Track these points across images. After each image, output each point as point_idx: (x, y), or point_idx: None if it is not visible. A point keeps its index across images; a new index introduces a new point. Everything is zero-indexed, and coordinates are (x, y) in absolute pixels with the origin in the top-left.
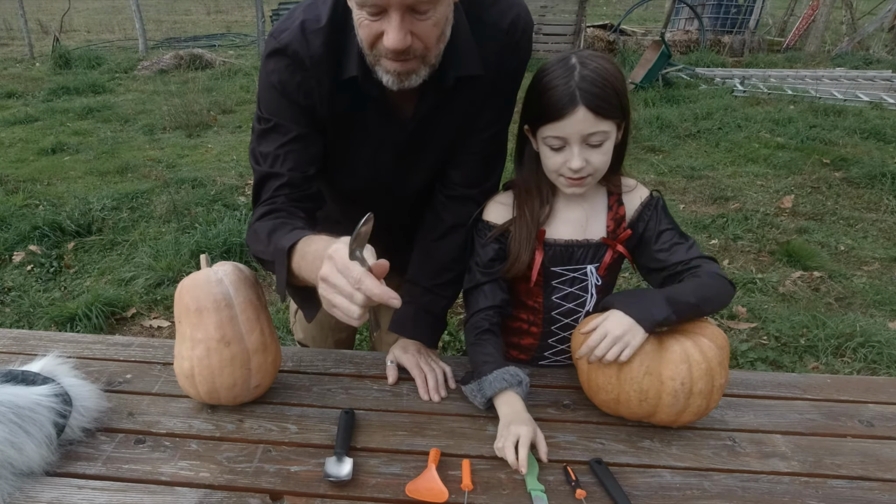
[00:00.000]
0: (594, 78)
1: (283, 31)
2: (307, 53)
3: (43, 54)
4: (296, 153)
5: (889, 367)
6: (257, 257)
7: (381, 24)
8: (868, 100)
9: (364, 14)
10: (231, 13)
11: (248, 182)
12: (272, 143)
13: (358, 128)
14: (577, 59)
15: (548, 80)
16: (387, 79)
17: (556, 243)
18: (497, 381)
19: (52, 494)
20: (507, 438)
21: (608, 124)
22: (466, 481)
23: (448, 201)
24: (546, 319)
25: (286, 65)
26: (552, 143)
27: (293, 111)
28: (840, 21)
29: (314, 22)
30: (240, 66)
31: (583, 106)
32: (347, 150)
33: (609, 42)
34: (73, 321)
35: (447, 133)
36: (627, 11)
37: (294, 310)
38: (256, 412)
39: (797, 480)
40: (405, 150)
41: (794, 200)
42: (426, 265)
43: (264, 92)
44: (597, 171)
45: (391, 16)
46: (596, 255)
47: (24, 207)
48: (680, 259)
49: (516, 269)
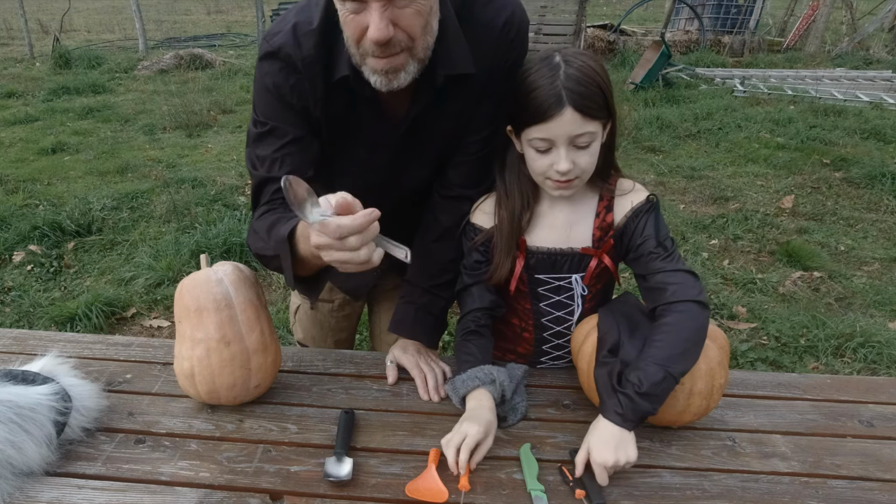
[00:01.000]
0: (580, 77)
1: (276, 34)
2: (299, 56)
3: (43, 54)
4: (293, 156)
5: (889, 367)
6: (259, 255)
7: (363, 18)
8: (868, 100)
9: (346, 9)
10: (231, 13)
11: (248, 182)
12: (269, 146)
13: (352, 129)
14: (562, 57)
15: (532, 80)
16: (375, 79)
17: (539, 251)
18: (469, 380)
19: (51, 494)
20: (455, 435)
21: (595, 125)
22: (464, 482)
23: (445, 202)
24: (537, 326)
25: (279, 67)
26: (538, 145)
27: (288, 114)
28: (840, 21)
29: (306, 24)
30: (240, 66)
31: (570, 107)
32: (343, 152)
33: (609, 42)
34: (73, 321)
35: (442, 133)
36: (627, 11)
37: (294, 310)
38: (256, 412)
39: (797, 481)
40: (400, 150)
41: (794, 201)
42: (424, 266)
43: (259, 95)
44: (584, 172)
45: (371, 6)
46: (581, 264)
47: (24, 207)
48: (657, 269)
49: (498, 276)
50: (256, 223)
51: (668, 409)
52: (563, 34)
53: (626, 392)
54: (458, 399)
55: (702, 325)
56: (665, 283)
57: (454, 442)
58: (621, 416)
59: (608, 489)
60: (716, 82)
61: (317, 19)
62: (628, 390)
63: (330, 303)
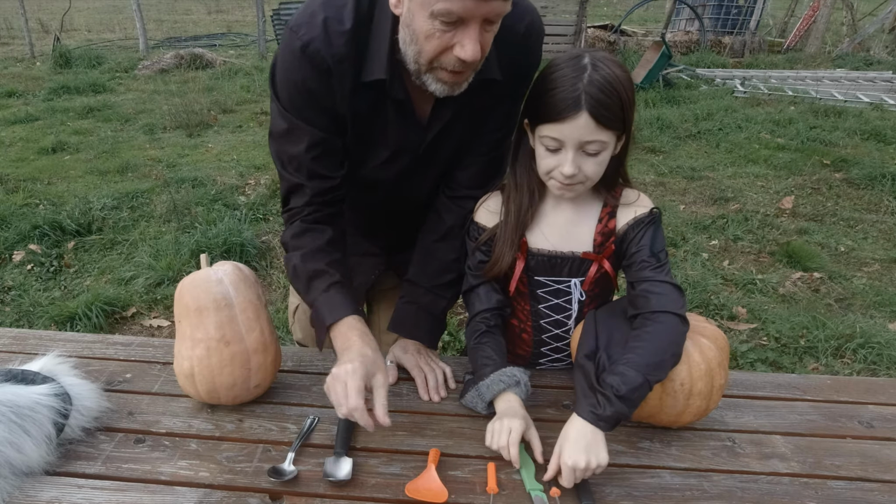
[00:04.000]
0: (603, 84)
1: (304, 27)
2: (329, 52)
3: (43, 53)
4: (323, 156)
5: (889, 368)
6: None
7: (452, 36)
8: (868, 101)
9: (437, 25)
10: (232, 13)
11: (248, 182)
12: (296, 143)
13: (377, 130)
14: (590, 59)
15: (555, 77)
16: (437, 87)
17: (540, 253)
18: (494, 384)
19: (51, 494)
20: (501, 433)
21: (608, 134)
22: (492, 484)
23: (450, 202)
24: (535, 327)
25: (308, 62)
26: (548, 143)
27: (316, 110)
28: (840, 22)
29: (337, 22)
30: (240, 66)
31: (586, 111)
32: (365, 152)
33: (610, 42)
34: (72, 320)
35: (461, 135)
36: (628, 12)
37: (293, 310)
38: (256, 412)
39: (797, 481)
40: (422, 152)
41: (794, 201)
42: (427, 266)
43: (285, 90)
44: (588, 179)
45: (469, 27)
46: (580, 268)
47: (24, 206)
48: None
49: (497, 270)
50: (297, 261)
51: (668, 410)
52: (564, 34)
53: (605, 392)
54: (483, 405)
55: (679, 339)
56: (650, 293)
57: (504, 436)
58: (597, 415)
59: (608, 489)
60: (716, 83)
61: (349, 17)
62: (607, 391)
63: None
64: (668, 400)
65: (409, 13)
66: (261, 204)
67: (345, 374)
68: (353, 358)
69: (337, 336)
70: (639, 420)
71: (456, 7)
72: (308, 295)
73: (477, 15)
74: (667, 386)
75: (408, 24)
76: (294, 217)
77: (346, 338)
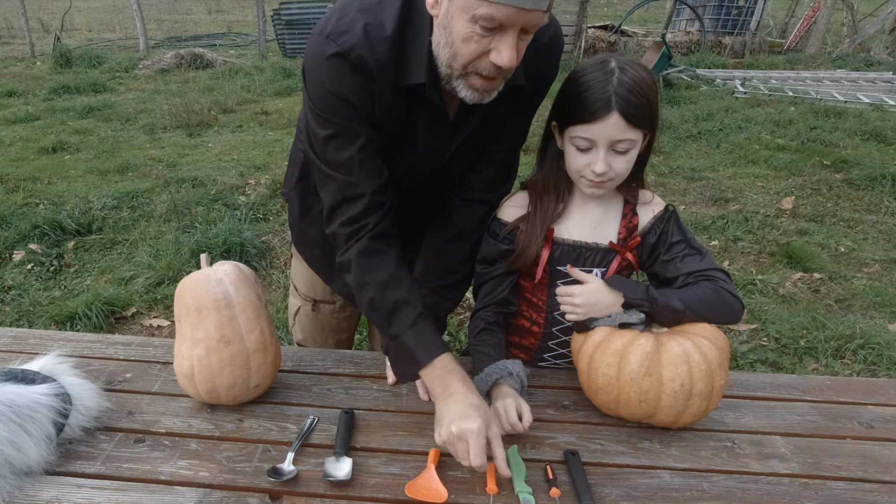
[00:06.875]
0: (631, 85)
1: (344, 34)
2: (373, 58)
3: (44, 53)
4: (370, 159)
5: (889, 368)
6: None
7: (490, 42)
8: (869, 101)
9: (477, 28)
10: (232, 13)
11: (248, 182)
12: (342, 149)
13: (408, 133)
14: (617, 63)
15: (585, 81)
16: (467, 93)
17: (565, 243)
18: (488, 376)
19: (51, 493)
20: (508, 410)
21: (637, 133)
22: (491, 485)
23: (462, 204)
24: (548, 319)
25: (349, 68)
26: (580, 143)
27: (358, 115)
28: (841, 23)
29: (378, 28)
30: (241, 66)
31: (617, 112)
32: (393, 157)
33: (610, 43)
34: (72, 320)
35: (483, 141)
36: (628, 12)
37: (294, 312)
38: (256, 412)
39: (796, 482)
40: (448, 155)
41: (794, 202)
42: (434, 266)
43: (323, 97)
44: (618, 176)
45: (507, 34)
46: (604, 259)
47: (24, 206)
48: (692, 270)
49: (522, 261)
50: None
51: (668, 410)
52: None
53: (642, 286)
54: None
55: (732, 307)
56: (710, 277)
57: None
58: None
59: (608, 489)
60: (716, 83)
61: (391, 23)
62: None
63: (332, 304)
64: (668, 400)
65: (448, 15)
66: (261, 204)
67: (468, 434)
68: (468, 413)
69: (433, 379)
70: (638, 420)
71: (499, 13)
72: (391, 328)
73: (517, 23)
74: (667, 386)
75: (444, 25)
76: (359, 233)
77: (444, 383)
